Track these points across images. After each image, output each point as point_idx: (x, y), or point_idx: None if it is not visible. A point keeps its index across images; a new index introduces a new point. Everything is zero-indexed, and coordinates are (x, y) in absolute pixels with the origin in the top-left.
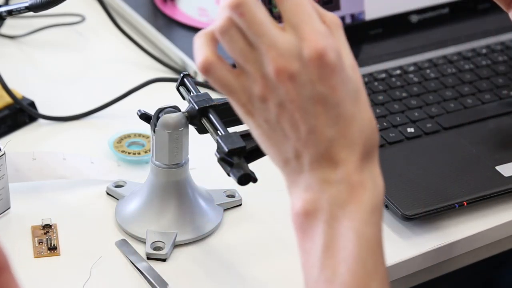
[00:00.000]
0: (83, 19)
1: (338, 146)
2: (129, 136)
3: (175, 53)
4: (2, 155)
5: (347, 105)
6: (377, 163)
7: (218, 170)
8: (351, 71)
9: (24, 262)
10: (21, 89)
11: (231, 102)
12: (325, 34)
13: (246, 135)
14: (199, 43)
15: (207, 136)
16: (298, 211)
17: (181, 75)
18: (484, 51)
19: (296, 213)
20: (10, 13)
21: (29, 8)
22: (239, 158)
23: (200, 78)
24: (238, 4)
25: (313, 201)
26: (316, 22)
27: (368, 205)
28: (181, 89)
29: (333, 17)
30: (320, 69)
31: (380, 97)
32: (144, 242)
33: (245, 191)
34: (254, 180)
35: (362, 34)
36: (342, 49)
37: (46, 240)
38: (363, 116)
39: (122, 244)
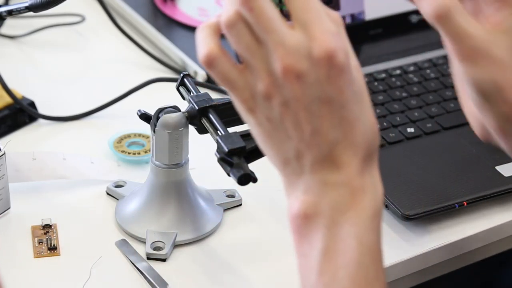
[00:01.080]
0: (83, 19)
1: (341, 149)
2: (129, 136)
3: (175, 53)
4: (2, 155)
5: (352, 107)
6: (377, 167)
7: (218, 170)
8: (356, 72)
9: (24, 262)
10: (21, 89)
11: (232, 98)
12: (335, 34)
13: (246, 135)
14: (203, 35)
15: (207, 136)
16: (297, 213)
17: (181, 75)
18: None
19: (294, 215)
20: (10, 13)
21: (29, 8)
22: (239, 158)
23: (200, 78)
24: None
25: (313, 203)
26: (325, 21)
27: (370, 210)
28: (181, 89)
29: (336, 16)
30: (329, 70)
31: (380, 97)
32: (144, 242)
33: (245, 191)
34: (254, 180)
35: (362, 34)
36: (348, 49)
37: (46, 240)
38: (366, 119)
39: (122, 244)
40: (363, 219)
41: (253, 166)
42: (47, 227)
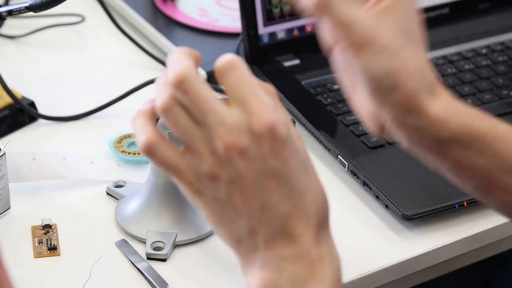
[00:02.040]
0: (83, 19)
1: (294, 221)
2: (129, 136)
3: None
4: (2, 155)
5: (299, 177)
6: (331, 234)
7: None
8: (298, 142)
9: (24, 262)
10: (21, 89)
11: (177, 183)
12: (273, 107)
13: None
14: (139, 123)
15: None
16: None
17: None
18: (484, 51)
19: None
20: (10, 13)
21: (29, 8)
22: None
23: None
24: (180, 81)
25: (272, 280)
26: (261, 95)
27: (330, 280)
28: None
29: (270, 88)
30: (271, 143)
31: None
32: (144, 242)
33: None
34: None
35: None
36: (287, 120)
37: (46, 240)
38: (314, 187)
39: (122, 244)
40: None
41: None
42: (47, 227)
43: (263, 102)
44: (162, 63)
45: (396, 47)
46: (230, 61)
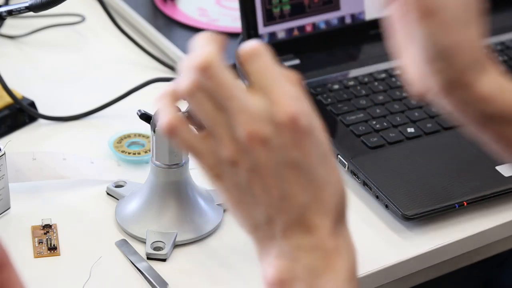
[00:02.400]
0: (83, 19)
1: (312, 212)
2: (129, 136)
3: (175, 53)
4: (2, 155)
5: (319, 169)
6: (348, 227)
7: None
8: (320, 133)
9: (24, 262)
10: (21, 89)
11: (198, 165)
12: (296, 97)
13: None
14: (163, 104)
15: None
16: (273, 279)
17: None
18: None
19: (270, 281)
20: (10, 13)
21: (29, 8)
22: None
23: None
24: (205, 66)
25: (288, 269)
26: (285, 84)
27: (345, 272)
28: None
29: (294, 76)
30: (293, 134)
31: (380, 97)
32: (144, 242)
33: None
34: None
35: (362, 34)
36: (310, 111)
37: (46, 240)
38: (333, 180)
39: (122, 244)
40: (340, 281)
41: None
42: (47, 227)
43: (287, 92)
44: (162, 63)
45: (457, 22)
46: (255, 48)
